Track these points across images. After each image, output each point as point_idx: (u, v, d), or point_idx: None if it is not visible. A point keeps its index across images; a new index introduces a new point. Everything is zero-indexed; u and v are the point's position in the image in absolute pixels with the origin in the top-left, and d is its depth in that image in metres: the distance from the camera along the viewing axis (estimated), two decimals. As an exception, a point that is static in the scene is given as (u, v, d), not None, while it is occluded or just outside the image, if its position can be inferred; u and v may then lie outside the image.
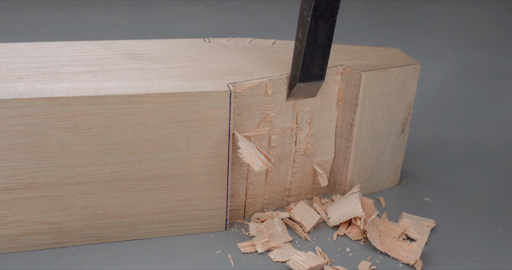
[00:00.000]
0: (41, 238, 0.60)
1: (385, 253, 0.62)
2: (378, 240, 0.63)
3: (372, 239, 0.63)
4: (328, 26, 0.61)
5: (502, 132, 0.96)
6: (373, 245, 0.63)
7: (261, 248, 0.62)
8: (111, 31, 1.46)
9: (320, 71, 0.63)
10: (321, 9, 0.59)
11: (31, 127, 0.54)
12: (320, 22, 0.60)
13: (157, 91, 0.56)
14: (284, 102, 0.64)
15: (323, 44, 0.61)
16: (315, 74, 0.63)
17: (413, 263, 0.60)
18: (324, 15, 0.60)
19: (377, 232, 0.63)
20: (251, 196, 0.67)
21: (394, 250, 0.62)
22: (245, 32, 1.47)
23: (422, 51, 1.39)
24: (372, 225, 0.63)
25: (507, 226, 0.69)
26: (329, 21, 0.60)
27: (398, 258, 0.61)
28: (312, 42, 0.60)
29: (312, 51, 0.61)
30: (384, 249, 0.62)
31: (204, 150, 0.60)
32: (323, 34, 0.61)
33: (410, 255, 0.61)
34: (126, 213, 0.61)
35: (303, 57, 0.61)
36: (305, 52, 0.60)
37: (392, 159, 0.75)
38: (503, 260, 0.63)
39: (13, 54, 0.64)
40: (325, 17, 0.60)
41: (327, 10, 0.60)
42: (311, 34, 0.60)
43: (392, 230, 0.65)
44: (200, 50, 0.70)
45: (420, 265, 0.60)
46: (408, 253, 0.61)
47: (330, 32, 0.61)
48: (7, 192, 0.57)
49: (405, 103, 0.72)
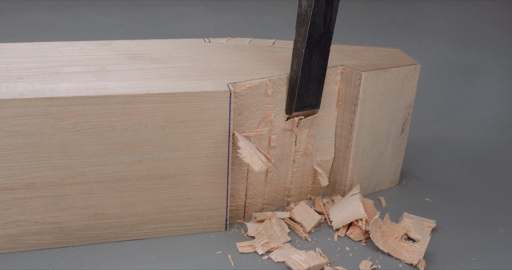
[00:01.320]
0: (41, 238, 0.60)
1: (388, 253, 0.62)
2: (381, 240, 0.63)
3: (375, 239, 0.63)
4: (322, 56, 0.62)
5: (502, 133, 0.96)
6: (376, 245, 0.63)
7: (261, 250, 0.62)
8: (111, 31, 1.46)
9: (315, 100, 0.65)
10: (315, 41, 0.61)
11: (31, 127, 0.54)
12: (314, 53, 0.61)
13: (157, 91, 0.56)
14: (284, 102, 0.64)
15: (317, 74, 0.63)
16: (311, 103, 0.65)
17: (416, 263, 0.60)
18: (317, 46, 0.61)
19: (379, 232, 0.63)
20: (251, 196, 0.67)
21: (397, 250, 0.62)
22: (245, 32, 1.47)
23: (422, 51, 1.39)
24: (375, 226, 0.63)
25: (507, 226, 0.69)
26: (323, 52, 0.62)
27: (401, 258, 0.61)
28: (306, 72, 0.62)
29: (307, 81, 0.63)
30: (387, 250, 0.62)
31: (204, 150, 0.60)
32: (317, 65, 0.63)
33: (413, 256, 0.61)
34: (126, 213, 0.61)
35: (298, 87, 0.62)
36: (300, 82, 0.62)
37: (392, 159, 0.75)
38: (503, 260, 0.63)
39: (13, 54, 0.64)
40: (318, 48, 0.62)
41: (321, 42, 0.61)
42: (306, 65, 0.62)
43: (395, 231, 0.65)
44: (200, 50, 0.70)
45: (423, 265, 0.60)
46: (411, 254, 0.61)
47: (324, 62, 0.63)
48: (7, 192, 0.57)
49: (405, 103, 0.72)
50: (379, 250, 0.63)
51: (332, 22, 0.61)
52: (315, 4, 0.58)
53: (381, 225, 0.64)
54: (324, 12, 0.60)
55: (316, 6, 0.59)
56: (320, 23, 0.60)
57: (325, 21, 0.60)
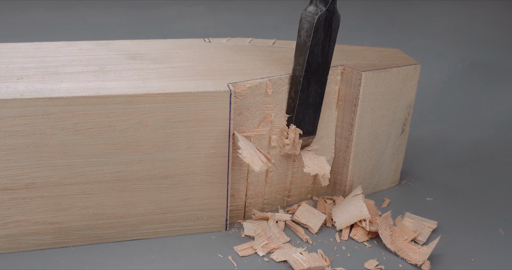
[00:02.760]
0: (41, 238, 0.60)
1: (394, 252, 0.62)
2: (389, 239, 0.63)
3: (383, 237, 0.63)
4: (320, 85, 0.64)
5: (502, 133, 0.96)
6: (384, 243, 0.63)
7: (262, 251, 0.61)
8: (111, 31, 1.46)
9: (311, 127, 0.66)
10: (313, 70, 0.62)
11: (31, 127, 0.54)
12: (312, 81, 0.63)
13: (157, 91, 0.56)
14: (284, 102, 0.64)
15: (314, 102, 0.64)
16: (307, 130, 0.66)
17: (420, 264, 0.60)
18: (315, 75, 0.63)
19: (389, 231, 0.63)
20: (251, 196, 0.67)
21: (403, 251, 0.62)
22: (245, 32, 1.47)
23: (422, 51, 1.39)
24: (385, 223, 0.63)
25: (507, 226, 0.69)
26: (320, 80, 0.64)
27: (407, 259, 0.61)
28: (304, 100, 0.63)
29: (304, 108, 0.64)
30: (394, 249, 0.62)
31: (204, 150, 0.60)
32: (315, 93, 0.64)
33: (418, 257, 0.61)
34: (126, 213, 0.61)
35: (295, 115, 0.63)
36: (298, 110, 0.63)
37: (392, 159, 0.75)
38: (503, 261, 0.63)
39: (13, 54, 0.64)
40: (316, 77, 0.63)
41: (318, 71, 0.63)
42: (303, 93, 0.63)
43: (405, 233, 0.65)
44: (200, 50, 0.70)
45: (428, 266, 0.60)
46: (417, 255, 0.61)
47: (321, 91, 0.64)
48: (7, 192, 0.57)
49: (405, 103, 0.72)
50: (383, 250, 0.63)
51: (330, 52, 0.63)
52: (313, 35, 0.60)
53: (391, 224, 0.64)
54: (322, 42, 0.61)
55: (315, 37, 0.60)
56: (318, 53, 0.61)
57: (323, 51, 0.62)
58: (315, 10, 0.60)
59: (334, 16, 0.60)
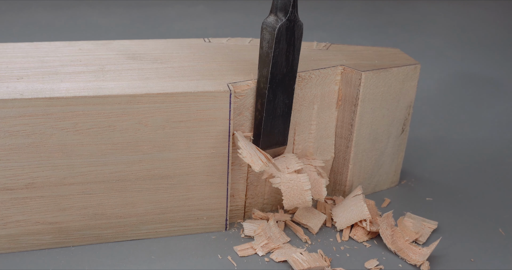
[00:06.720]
0: (41, 238, 0.60)
1: (394, 252, 0.62)
2: (390, 238, 0.63)
3: (384, 236, 0.62)
4: (287, 95, 0.61)
5: (502, 133, 0.96)
6: (384, 242, 0.63)
7: (262, 251, 0.61)
8: (111, 31, 1.46)
9: (282, 138, 0.64)
10: (278, 81, 0.60)
11: (31, 127, 0.54)
12: (278, 92, 0.60)
13: (157, 91, 0.56)
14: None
15: (282, 113, 0.62)
16: (277, 141, 0.64)
17: (419, 264, 0.60)
18: (281, 86, 0.60)
19: (390, 231, 0.63)
20: (251, 196, 0.67)
21: (404, 251, 0.62)
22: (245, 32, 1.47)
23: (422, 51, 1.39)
24: (386, 222, 0.63)
25: (507, 226, 0.69)
26: (287, 91, 0.61)
27: (407, 259, 0.61)
28: (271, 112, 0.61)
29: (272, 120, 0.62)
30: (394, 248, 0.62)
31: (204, 150, 0.60)
32: (282, 104, 0.62)
33: (418, 257, 0.61)
34: (126, 213, 0.61)
35: (263, 127, 0.61)
36: (265, 122, 0.61)
37: (392, 159, 0.75)
38: (503, 261, 0.63)
39: (13, 54, 0.64)
40: (282, 87, 0.60)
41: (284, 81, 0.60)
42: (270, 105, 0.61)
43: (407, 234, 0.65)
44: (200, 50, 0.70)
45: (427, 266, 0.60)
46: (417, 256, 0.61)
47: (289, 101, 0.62)
48: (7, 192, 0.57)
49: (405, 103, 0.72)
50: (383, 250, 0.63)
51: (296, 62, 0.60)
52: (275, 46, 0.58)
53: (392, 225, 0.64)
54: (286, 52, 0.59)
55: (277, 48, 0.58)
56: (283, 63, 0.59)
57: (287, 61, 0.59)
58: (276, 20, 0.57)
59: (296, 25, 0.58)
